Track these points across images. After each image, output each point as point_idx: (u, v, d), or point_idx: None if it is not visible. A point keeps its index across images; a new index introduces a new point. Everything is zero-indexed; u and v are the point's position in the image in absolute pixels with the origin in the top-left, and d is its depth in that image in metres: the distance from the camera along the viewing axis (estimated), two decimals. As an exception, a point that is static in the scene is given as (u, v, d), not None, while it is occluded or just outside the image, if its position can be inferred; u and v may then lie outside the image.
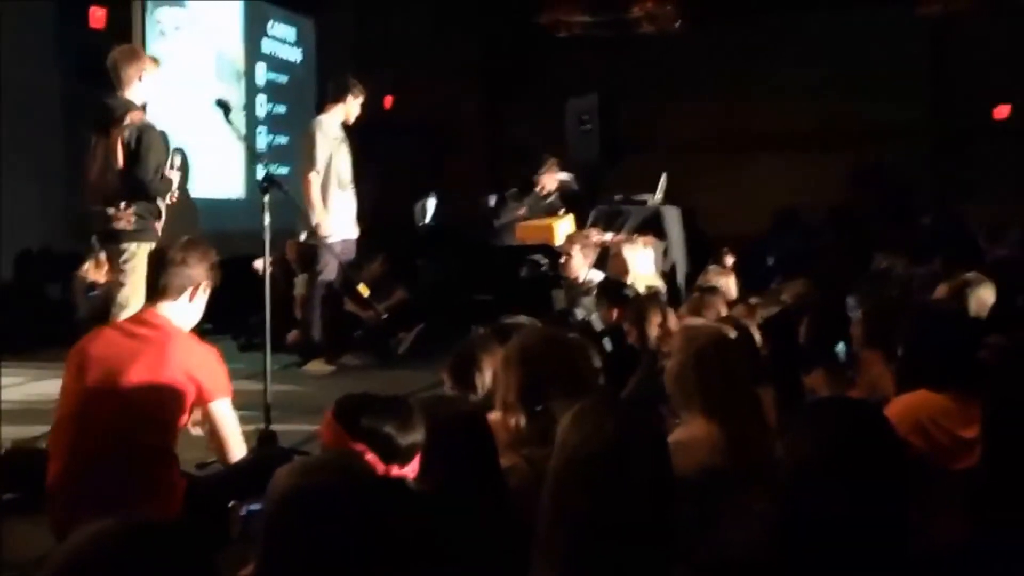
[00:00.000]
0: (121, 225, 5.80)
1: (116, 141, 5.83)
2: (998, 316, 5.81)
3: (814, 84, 14.23)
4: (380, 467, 2.54)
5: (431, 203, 11.33)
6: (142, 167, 5.81)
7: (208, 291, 3.90)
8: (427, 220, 11.35)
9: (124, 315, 5.14)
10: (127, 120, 5.85)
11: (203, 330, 8.31)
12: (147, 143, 5.86)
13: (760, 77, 14.55)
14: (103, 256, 8.08)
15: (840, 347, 4.74)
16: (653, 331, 5.09)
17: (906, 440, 3.19)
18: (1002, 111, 14.09)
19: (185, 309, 3.81)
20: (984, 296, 5.30)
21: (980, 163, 13.06)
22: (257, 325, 6.87)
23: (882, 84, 14.03)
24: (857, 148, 13.96)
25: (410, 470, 2.69)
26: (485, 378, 3.61)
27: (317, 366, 7.60)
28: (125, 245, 5.81)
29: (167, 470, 3.63)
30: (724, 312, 5.21)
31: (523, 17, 14.87)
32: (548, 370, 3.19)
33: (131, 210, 5.80)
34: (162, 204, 6.06)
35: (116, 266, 5.93)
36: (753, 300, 5.30)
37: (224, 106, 5.12)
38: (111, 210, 5.79)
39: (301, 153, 7.72)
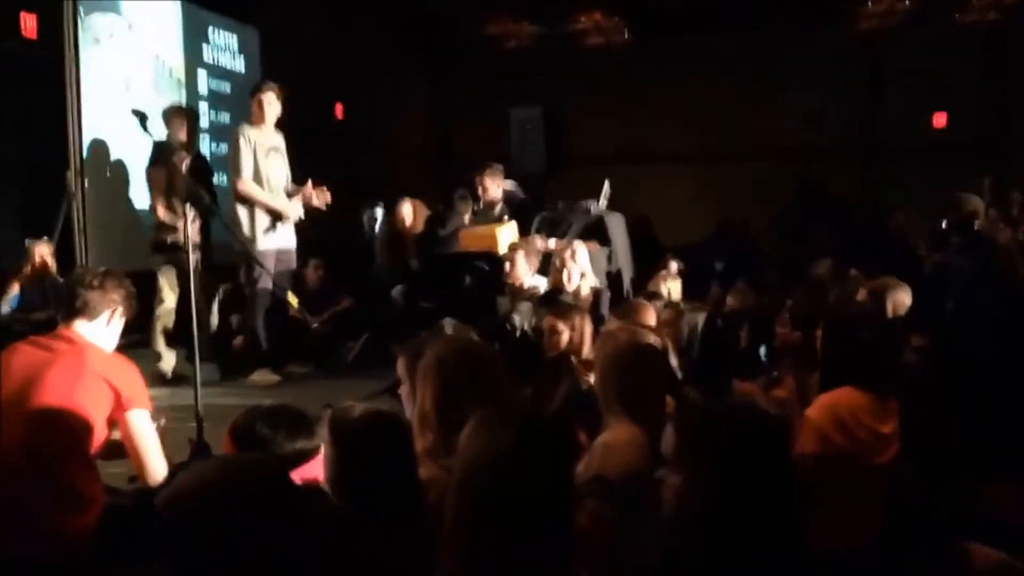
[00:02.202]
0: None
1: None
2: (926, 319, 5.94)
3: (756, 98, 14.43)
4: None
5: (379, 212, 11.28)
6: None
7: (123, 320, 3.87)
8: (375, 229, 11.30)
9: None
10: None
11: (143, 341, 8.31)
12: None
13: (703, 91, 14.73)
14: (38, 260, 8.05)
15: (763, 350, 4.80)
16: (578, 338, 5.08)
17: (829, 436, 3.39)
18: (940, 119, 14.41)
19: (101, 332, 3.78)
20: (900, 298, 5.50)
21: (913, 174, 13.32)
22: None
23: (820, 98, 14.31)
24: (798, 160, 14.17)
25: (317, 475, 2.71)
26: None
27: (262, 376, 7.52)
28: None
29: (86, 480, 3.56)
30: (653, 318, 5.22)
31: (471, 27, 14.91)
32: (463, 381, 3.19)
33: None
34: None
35: None
36: (683, 306, 5.32)
37: (140, 116, 5.06)
38: None
39: (229, 163, 7.76)
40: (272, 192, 7.61)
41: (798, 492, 3.15)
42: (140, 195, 9.12)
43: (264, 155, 7.60)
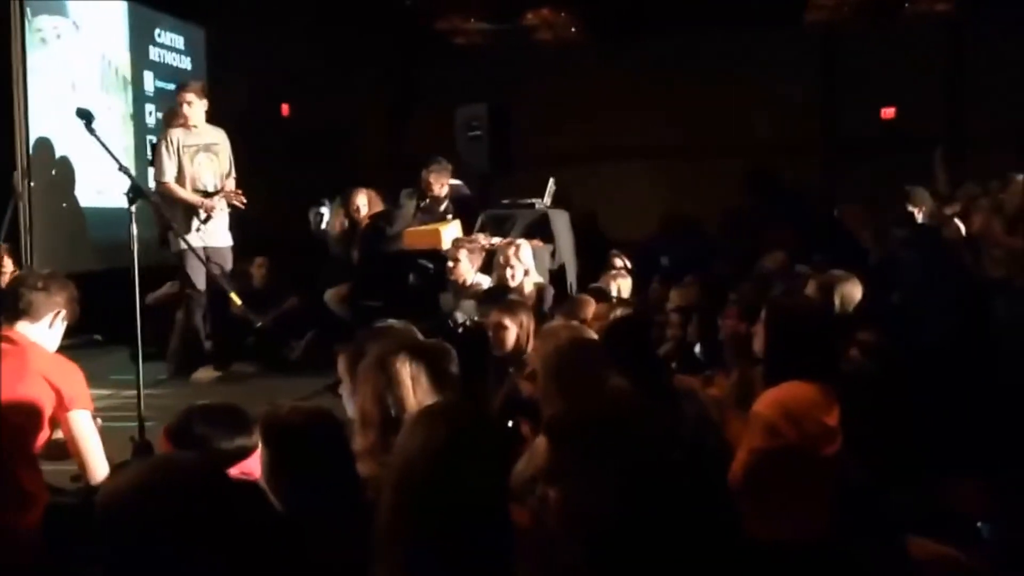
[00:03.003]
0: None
1: None
2: (874, 313, 6.04)
3: (708, 95, 14.50)
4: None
5: (325, 210, 11.31)
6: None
7: (65, 323, 3.92)
8: (322, 227, 11.32)
9: None
10: None
11: (93, 341, 8.32)
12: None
13: (654, 87, 14.78)
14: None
15: (697, 348, 4.90)
16: (524, 335, 5.14)
17: (778, 430, 3.39)
18: (888, 112, 14.53)
19: (44, 333, 3.83)
20: (850, 292, 5.49)
21: (868, 168, 13.43)
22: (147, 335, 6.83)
23: (774, 94, 14.38)
24: (750, 155, 14.26)
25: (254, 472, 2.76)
26: None
27: (204, 373, 7.58)
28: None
29: (29, 479, 3.60)
30: (591, 314, 5.30)
31: (420, 24, 14.90)
32: (404, 379, 3.23)
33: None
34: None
35: None
36: (614, 300, 5.41)
37: (85, 115, 5.10)
38: None
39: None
40: (198, 191, 7.72)
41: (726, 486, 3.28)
42: (86, 195, 9.15)
43: (191, 155, 7.70)
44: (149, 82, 10.65)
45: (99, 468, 3.73)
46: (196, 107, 7.75)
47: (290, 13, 12.36)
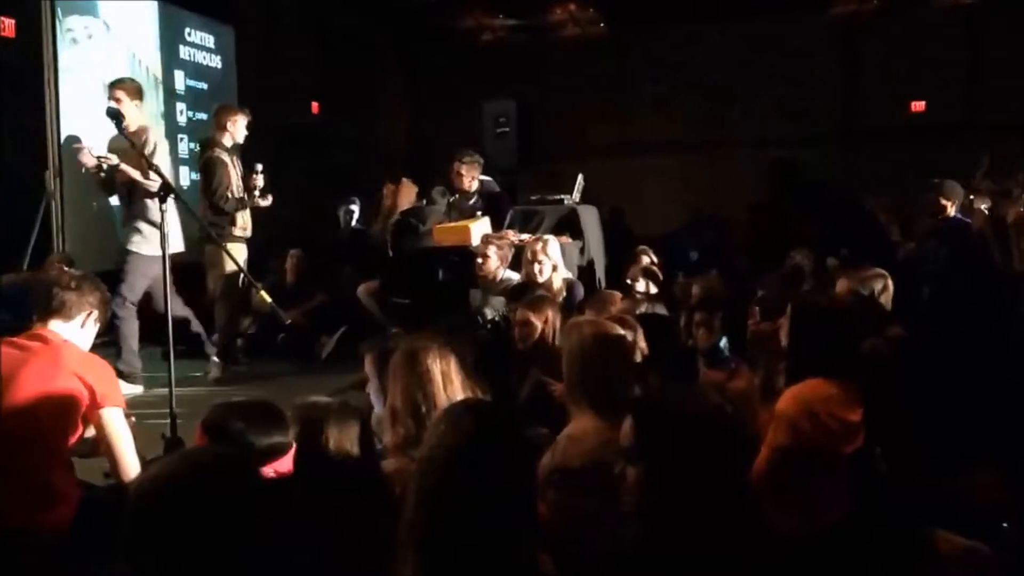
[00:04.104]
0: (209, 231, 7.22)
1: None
2: (902, 306, 6.01)
3: (731, 86, 14.46)
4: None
5: (355, 208, 11.36)
6: (205, 190, 7.87)
7: (97, 325, 3.95)
8: (351, 224, 11.38)
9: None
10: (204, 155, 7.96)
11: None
12: (209, 171, 7.82)
13: (679, 81, 14.76)
14: None
15: (723, 342, 4.89)
16: (549, 331, 5.15)
17: (800, 427, 3.40)
18: (918, 106, 14.43)
19: (76, 333, 3.85)
20: (884, 289, 5.45)
21: (891, 159, 13.35)
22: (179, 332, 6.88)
23: (796, 85, 14.32)
24: (778, 147, 14.21)
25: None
26: None
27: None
28: (208, 245, 7.68)
29: (61, 477, 3.63)
30: (616, 310, 5.29)
31: (445, 21, 14.93)
32: (436, 375, 3.24)
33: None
34: (239, 214, 7.84)
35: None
36: (639, 297, 5.39)
37: (115, 116, 5.14)
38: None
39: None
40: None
41: (750, 480, 3.28)
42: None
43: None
44: (179, 81, 10.74)
45: (131, 465, 3.74)
46: (126, 106, 7.34)
47: (317, 12, 12.42)
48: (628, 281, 7.36)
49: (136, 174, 6.95)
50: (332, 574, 2.52)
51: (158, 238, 5.98)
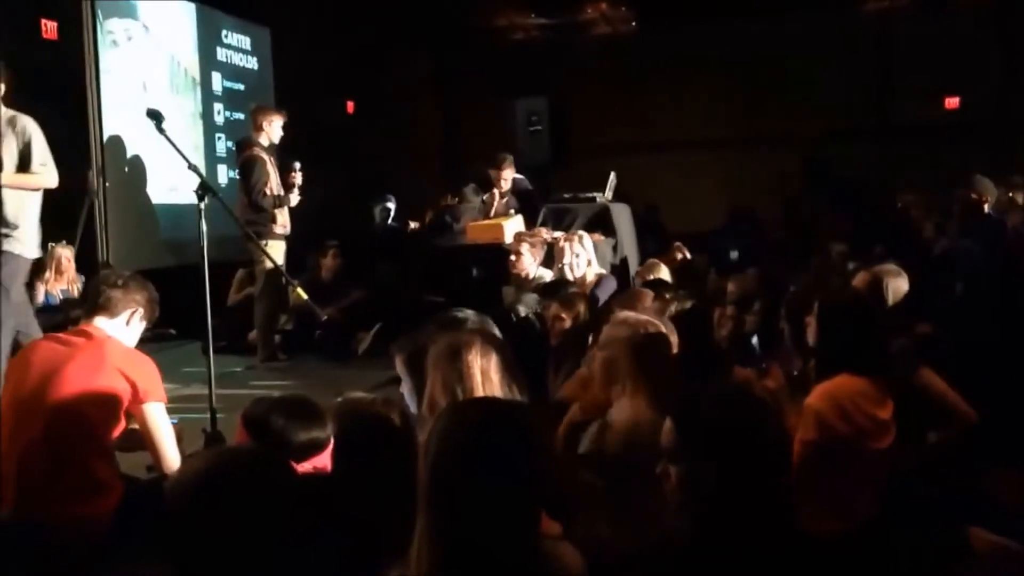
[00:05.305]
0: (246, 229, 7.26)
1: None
2: (933, 304, 5.99)
3: (765, 84, 14.43)
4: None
5: (390, 205, 11.47)
6: (245, 188, 8.07)
7: (143, 323, 4.03)
8: (387, 222, 11.48)
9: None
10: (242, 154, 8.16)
11: (167, 335, 8.54)
12: (248, 170, 8.03)
13: (711, 79, 14.75)
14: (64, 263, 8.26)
15: (754, 340, 4.92)
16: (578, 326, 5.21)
17: (830, 423, 3.39)
18: (952, 102, 14.35)
19: (122, 329, 3.93)
20: (898, 285, 5.45)
21: (926, 156, 13.27)
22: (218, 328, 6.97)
23: (830, 81, 14.27)
24: (808, 144, 14.16)
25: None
26: None
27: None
28: (248, 244, 7.77)
29: (104, 469, 3.72)
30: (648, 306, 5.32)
31: (477, 20, 14.99)
32: (476, 369, 3.21)
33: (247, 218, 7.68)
34: (278, 212, 8.03)
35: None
36: (668, 295, 5.42)
37: (155, 116, 5.22)
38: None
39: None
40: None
41: (790, 475, 3.32)
42: (158, 192, 9.40)
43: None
44: (217, 82, 10.88)
45: (172, 458, 3.82)
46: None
47: (352, 12, 12.52)
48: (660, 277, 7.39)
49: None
50: (368, 570, 2.48)
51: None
